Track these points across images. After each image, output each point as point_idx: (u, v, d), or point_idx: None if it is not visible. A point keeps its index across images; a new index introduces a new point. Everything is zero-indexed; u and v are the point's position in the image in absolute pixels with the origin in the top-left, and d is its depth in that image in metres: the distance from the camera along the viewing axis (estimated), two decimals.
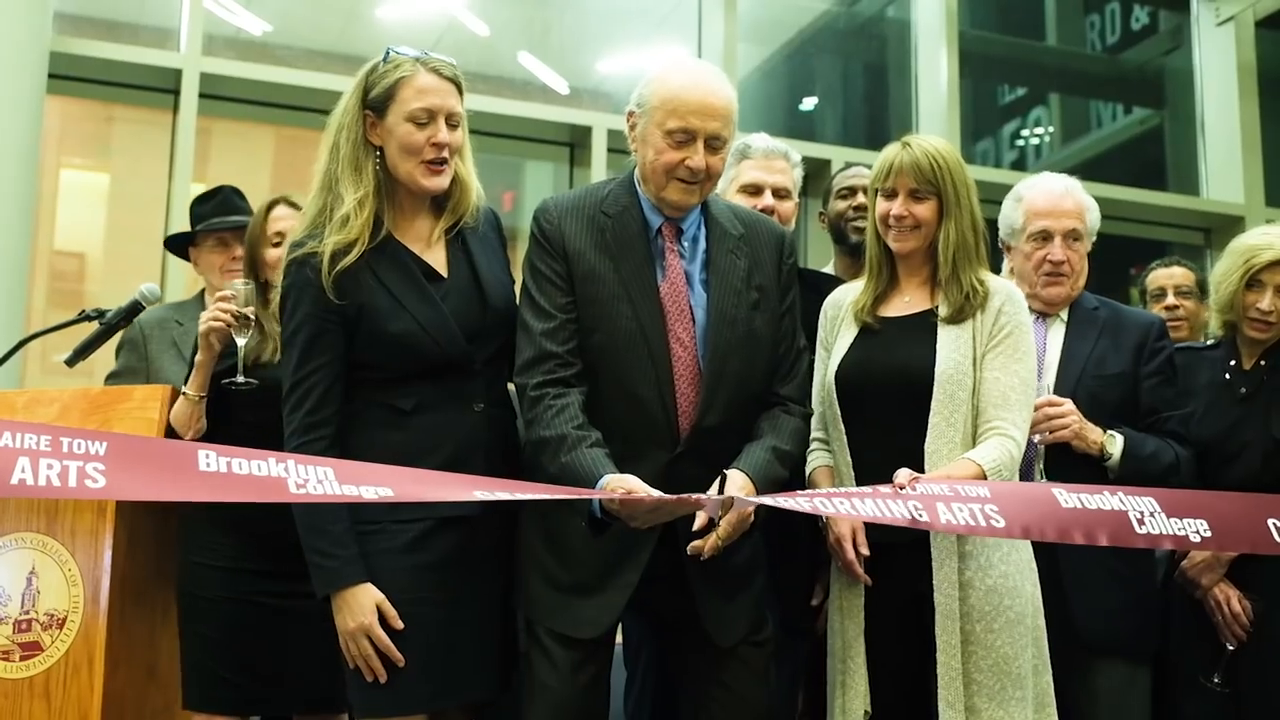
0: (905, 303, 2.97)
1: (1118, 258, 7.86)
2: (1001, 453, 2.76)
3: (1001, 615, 2.76)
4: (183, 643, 3.04)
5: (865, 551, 2.78)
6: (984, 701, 2.73)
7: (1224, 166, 7.78)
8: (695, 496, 2.52)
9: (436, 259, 2.78)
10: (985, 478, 2.71)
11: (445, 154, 2.73)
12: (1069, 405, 3.12)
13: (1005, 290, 2.91)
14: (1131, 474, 3.08)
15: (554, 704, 2.69)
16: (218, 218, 3.65)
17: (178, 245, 3.79)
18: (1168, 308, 4.29)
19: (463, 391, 2.72)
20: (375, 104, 2.73)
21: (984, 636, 2.75)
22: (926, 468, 2.75)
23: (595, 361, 2.72)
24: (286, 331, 2.71)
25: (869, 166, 3.16)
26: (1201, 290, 4.27)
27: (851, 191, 3.71)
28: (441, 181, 2.75)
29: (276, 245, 3.20)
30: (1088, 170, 8.15)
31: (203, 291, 3.72)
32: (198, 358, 3.02)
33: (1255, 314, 3.41)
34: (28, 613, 2.75)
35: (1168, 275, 4.24)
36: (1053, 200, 3.33)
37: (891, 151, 2.95)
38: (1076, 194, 3.37)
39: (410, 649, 2.58)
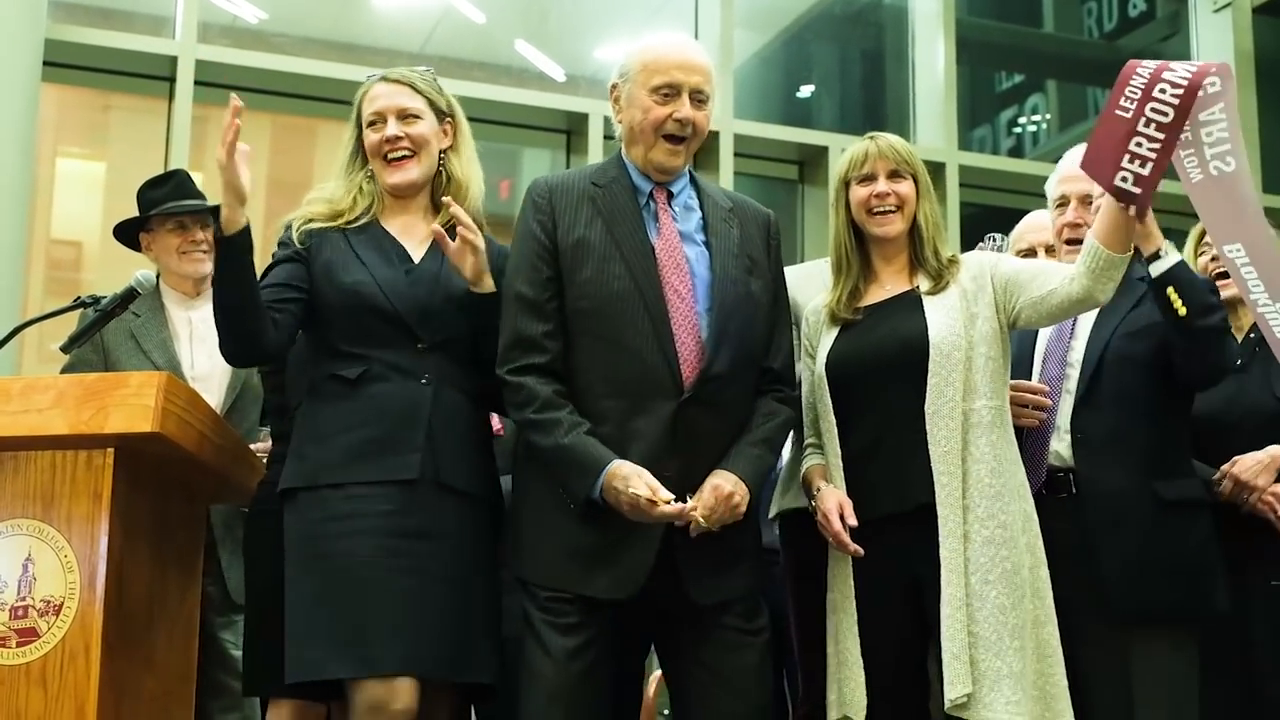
0: (885, 290, 3.01)
1: None
2: None
3: (997, 567, 2.78)
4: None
5: (853, 522, 2.83)
6: (980, 652, 2.75)
7: None
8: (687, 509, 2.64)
9: (414, 246, 2.91)
10: None
11: (402, 148, 2.91)
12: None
13: (976, 255, 3.08)
14: (1184, 278, 2.96)
15: (548, 692, 2.70)
16: (174, 201, 3.65)
17: (128, 232, 3.74)
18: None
19: (410, 366, 2.80)
20: (358, 123, 2.98)
21: (979, 588, 2.77)
22: (929, 429, 2.82)
23: (589, 323, 2.76)
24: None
25: None
26: None
27: None
28: (405, 175, 2.92)
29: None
30: None
31: (159, 279, 3.70)
32: None
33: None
34: (24, 599, 2.74)
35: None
36: (1073, 167, 3.23)
37: (862, 144, 3.04)
38: None
39: (377, 611, 2.65)
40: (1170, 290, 2.96)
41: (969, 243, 6.61)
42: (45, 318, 3.51)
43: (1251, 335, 3.46)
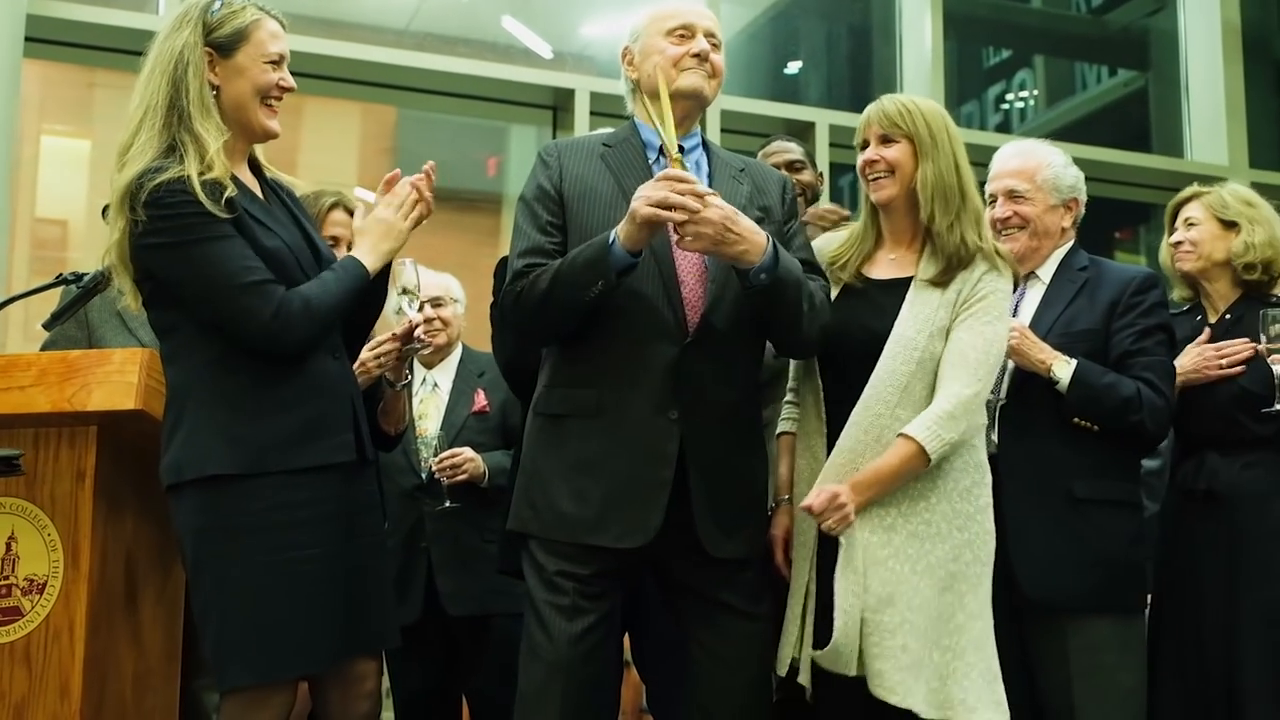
0: (890, 262, 2.99)
1: (1102, 219, 7.84)
2: (937, 416, 2.78)
3: (923, 559, 2.80)
4: None
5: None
6: (911, 640, 2.75)
7: (1208, 128, 7.76)
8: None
9: (263, 202, 2.79)
10: (925, 453, 2.76)
11: (281, 98, 2.76)
12: (1014, 322, 3.12)
13: (994, 283, 2.92)
14: (1083, 401, 3.11)
15: (548, 671, 2.71)
16: None
17: None
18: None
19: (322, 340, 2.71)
20: (221, 43, 2.70)
21: (911, 579, 2.78)
22: (851, 431, 2.82)
23: None
24: (190, 247, 2.56)
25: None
26: None
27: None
28: (278, 125, 2.77)
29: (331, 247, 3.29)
30: (1073, 133, 8.13)
31: None
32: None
33: (1174, 251, 3.64)
34: (7, 578, 2.74)
35: None
36: (998, 163, 3.41)
37: (866, 109, 3.02)
38: (1029, 154, 3.39)
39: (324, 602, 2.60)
40: (1077, 420, 3.14)
41: None
42: (27, 295, 3.48)
43: (1227, 316, 3.52)
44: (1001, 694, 2.80)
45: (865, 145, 2.99)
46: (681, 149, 2.78)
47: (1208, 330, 3.53)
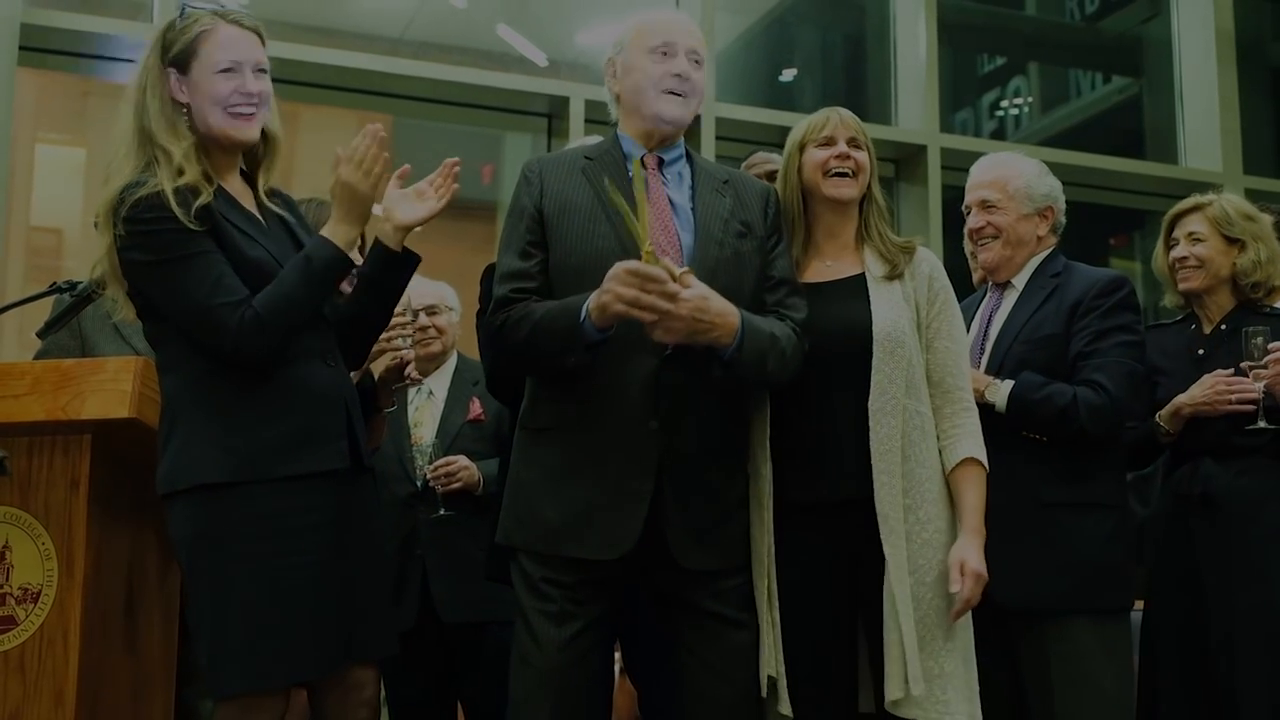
0: (828, 267, 3.00)
1: (1097, 226, 7.86)
2: (978, 431, 2.91)
3: (934, 570, 2.80)
4: None
5: None
6: (918, 653, 2.75)
7: (1202, 134, 7.76)
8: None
9: (253, 211, 2.79)
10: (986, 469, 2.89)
11: (254, 102, 2.71)
12: None
13: (930, 256, 3.00)
14: (1020, 419, 3.17)
15: (538, 678, 2.72)
16: None
17: None
18: None
19: (314, 346, 2.72)
20: (178, 60, 2.69)
21: (917, 590, 2.78)
22: (872, 425, 2.81)
23: (575, 282, 2.75)
24: (163, 266, 2.60)
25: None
26: None
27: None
28: (252, 131, 2.74)
29: None
30: (1067, 140, 8.14)
31: None
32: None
33: (1177, 265, 3.60)
34: (1, 587, 2.74)
35: None
36: (974, 175, 3.46)
37: (822, 112, 3.04)
38: (1001, 165, 3.43)
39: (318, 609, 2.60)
40: (1025, 434, 3.19)
41: (950, 224, 6.62)
42: (20, 303, 3.48)
43: (1223, 327, 3.52)
44: (977, 700, 2.83)
45: (829, 140, 2.99)
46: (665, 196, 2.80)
47: (1201, 349, 3.54)
